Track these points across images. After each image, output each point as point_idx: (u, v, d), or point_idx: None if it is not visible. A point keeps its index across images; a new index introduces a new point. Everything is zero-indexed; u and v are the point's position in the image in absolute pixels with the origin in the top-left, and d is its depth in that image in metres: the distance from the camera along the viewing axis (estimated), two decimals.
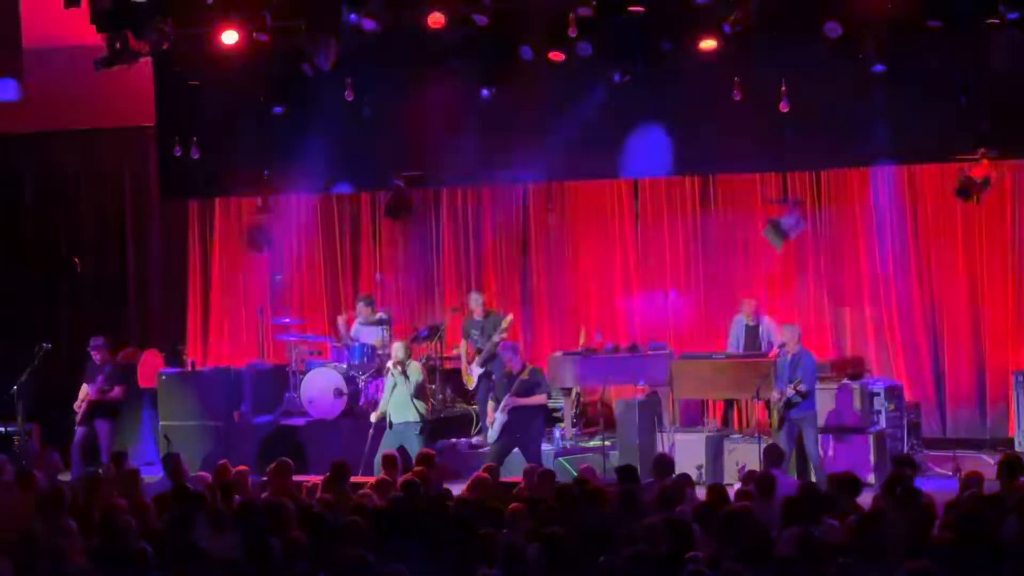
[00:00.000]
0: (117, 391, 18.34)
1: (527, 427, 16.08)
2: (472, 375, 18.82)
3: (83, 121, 21.57)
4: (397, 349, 17.07)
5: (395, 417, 16.85)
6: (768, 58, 17.11)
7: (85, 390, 18.35)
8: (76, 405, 18.32)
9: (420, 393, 16.87)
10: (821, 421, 16.52)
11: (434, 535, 10.83)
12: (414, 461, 14.51)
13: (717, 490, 12.14)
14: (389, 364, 17.17)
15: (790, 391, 15.67)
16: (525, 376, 16.11)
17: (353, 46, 17.35)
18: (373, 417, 17.17)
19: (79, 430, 18.22)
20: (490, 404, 16.51)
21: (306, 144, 19.19)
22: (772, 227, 18.09)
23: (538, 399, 16.08)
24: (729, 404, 18.33)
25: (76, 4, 17.06)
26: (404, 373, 16.81)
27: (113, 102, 20.04)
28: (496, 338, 18.37)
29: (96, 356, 18.45)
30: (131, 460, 15.83)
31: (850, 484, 11.75)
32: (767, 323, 18.11)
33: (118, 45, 17.16)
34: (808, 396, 15.88)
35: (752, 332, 18.06)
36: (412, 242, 21.68)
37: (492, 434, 16.57)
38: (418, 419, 16.76)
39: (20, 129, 21.63)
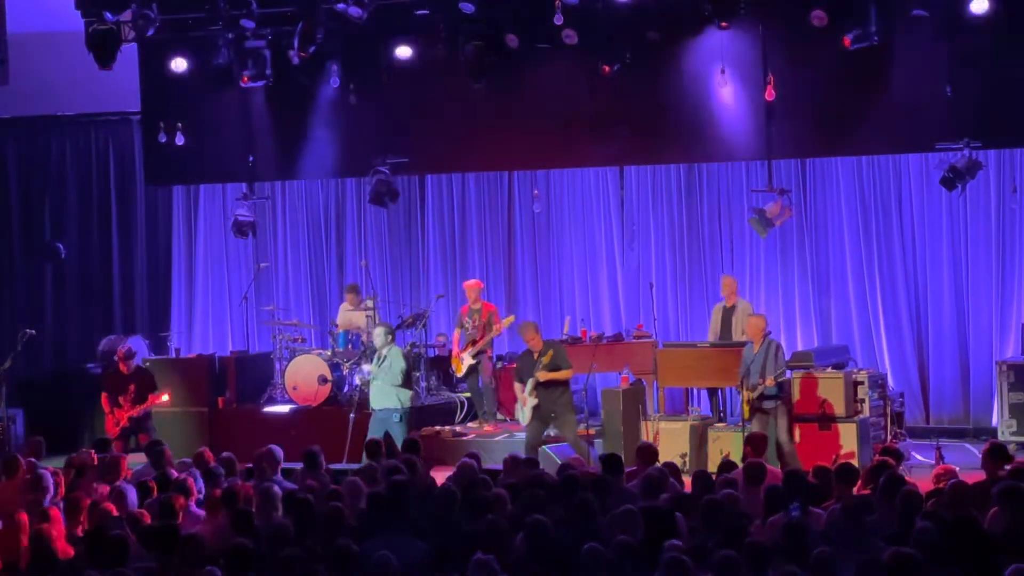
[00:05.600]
0: (154, 399, 17.34)
1: (556, 403, 15.99)
2: (463, 363, 18.80)
3: (68, 106, 21.54)
4: (377, 335, 17.04)
5: (375, 404, 16.84)
6: (754, 47, 17.14)
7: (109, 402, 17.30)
8: (111, 425, 17.13)
9: (403, 381, 16.78)
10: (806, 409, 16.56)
11: (419, 522, 10.84)
12: (400, 448, 14.47)
13: (701, 478, 12.14)
14: (365, 369, 17.19)
15: (770, 383, 15.63)
16: (546, 358, 15.97)
17: (339, 33, 17.36)
18: (357, 378, 17.21)
19: (117, 445, 16.40)
20: (517, 385, 16.39)
21: (291, 130, 19.20)
22: (757, 216, 18.09)
23: (565, 373, 16.02)
24: (714, 392, 18.31)
25: None
26: (381, 361, 16.76)
27: (98, 88, 19.99)
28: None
29: (124, 367, 17.37)
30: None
31: (847, 473, 11.75)
32: (741, 307, 18.02)
33: (103, 31, 17.15)
34: (781, 386, 15.88)
35: (728, 314, 18.00)
36: (397, 229, 21.70)
37: (523, 416, 16.43)
38: (397, 406, 16.69)
39: (4, 114, 21.58)
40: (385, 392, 16.71)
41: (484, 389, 18.67)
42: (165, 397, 17.62)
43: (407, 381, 16.85)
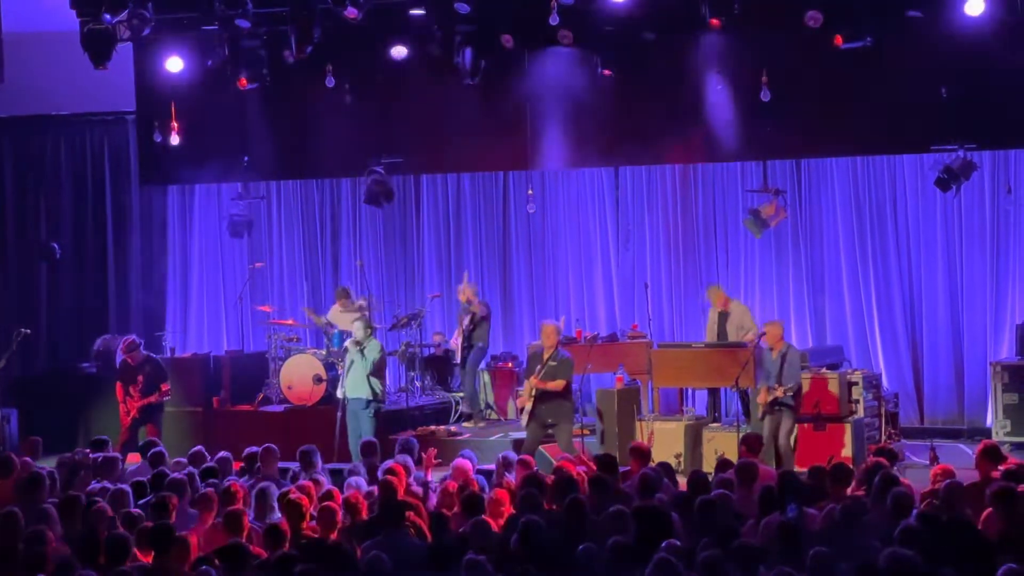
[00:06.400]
0: (165, 389, 17.41)
1: (555, 412, 15.98)
2: (457, 353, 18.83)
3: (63, 106, 21.52)
4: (357, 328, 17.10)
5: (349, 393, 16.95)
6: (749, 47, 17.15)
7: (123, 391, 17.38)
8: (124, 414, 17.30)
9: (376, 372, 16.91)
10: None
11: (414, 522, 10.85)
12: (398, 448, 14.44)
13: (697, 478, 12.15)
14: (348, 343, 17.23)
15: (779, 393, 15.66)
16: (553, 361, 15.97)
17: (334, 33, 17.36)
18: (339, 393, 17.29)
19: (126, 435, 16.98)
20: (525, 383, 16.38)
21: (286, 130, 19.19)
22: (752, 216, 18.10)
23: (555, 385, 16.02)
24: (716, 392, 18.27)
25: None
26: (361, 351, 16.85)
27: (93, 87, 19.97)
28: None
29: (130, 359, 17.43)
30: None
31: (841, 473, 11.77)
32: (737, 309, 17.99)
33: (98, 31, 17.15)
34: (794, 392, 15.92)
35: (723, 319, 17.97)
36: (392, 229, 21.69)
37: (523, 420, 16.50)
38: (370, 397, 16.82)
39: (0, 114, 21.56)
40: (360, 381, 16.83)
41: (469, 370, 18.62)
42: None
43: (379, 371, 16.94)
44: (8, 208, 22.24)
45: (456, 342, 18.84)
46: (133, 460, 15.27)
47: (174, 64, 18.65)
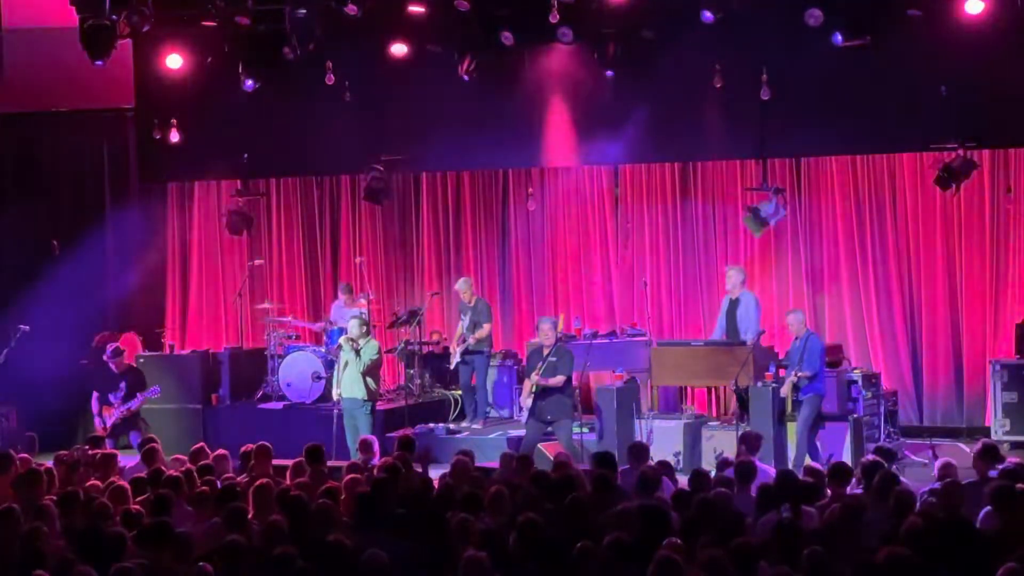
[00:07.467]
0: (139, 399, 17.33)
1: (554, 408, 16.03)
2: (455, 356, 18.83)
3: (62, 102, 21.48)
4: (352, 326, 17.11)
5: (344, 393, 16.99)
6: (749, 45, 17.17)
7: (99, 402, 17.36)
8: (100, 426, 17.19)
9: (371, 371, 16.93)
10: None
11: (414, 519, 10.84)
12: (396, 445, 14.45)
13: (698, 477, 12.16)
14: (342, 339, 17.23)
15: (794, 377, 15.78)
16: (553, 356, 16.03)
17: (334, 30, 17.36)
18: (334, 394, 17.30)
19: (107, 444, 16.22)
20: (526, 381, 16.43)
21: (286, 127, 19.20)
22: (752, 214, 18.10)
23: (556, 380, 16.05)
24: (711, 389, 18.26)
25: None
26: (357, 350, 16.87)
27: (92, 84, 19.95)
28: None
29: (113, 365, 17.44)
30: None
31: (840, 472, 11.77)
32: (749, 299, 17.90)
33: (98, 26, 17.12)
34: (812, 379, 15.96)
35: (732, 306, 17.86)
36: (392, 226, 21.68)
37: (524, 417, 16.58)
38: (365, 396, 16.85)
39: None
40: (355, 380, 16.87)
41: (477, 387, 18.71)
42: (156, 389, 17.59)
43: (374, 371, 16.96)
44: (7, 205, 22.19)
45: (455, 348, 18.84)
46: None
47: (174, 61, 18.65)
